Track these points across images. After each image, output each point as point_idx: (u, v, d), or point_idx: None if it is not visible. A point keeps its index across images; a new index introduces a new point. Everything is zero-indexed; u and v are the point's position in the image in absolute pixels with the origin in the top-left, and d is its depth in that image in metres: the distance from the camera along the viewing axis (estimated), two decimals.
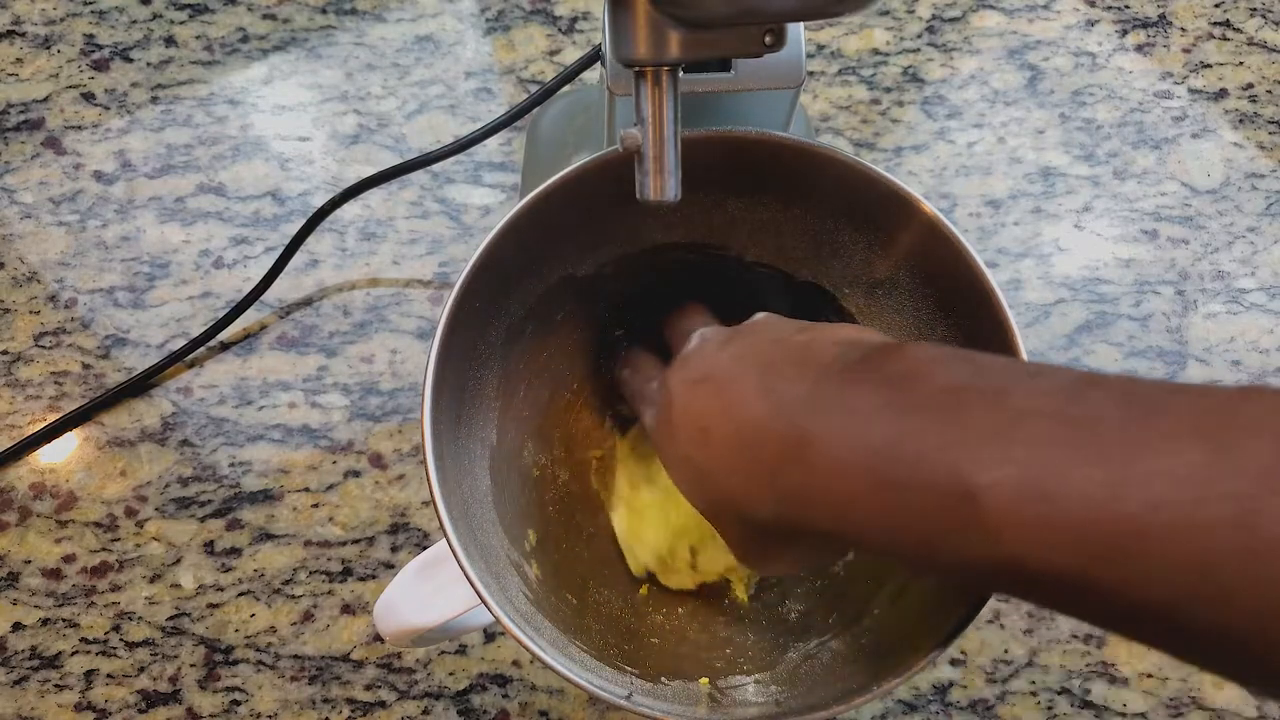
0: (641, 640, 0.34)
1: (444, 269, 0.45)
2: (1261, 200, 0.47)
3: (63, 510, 0.41)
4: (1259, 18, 0.51)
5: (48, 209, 0.45)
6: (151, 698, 0.39)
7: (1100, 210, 0.47)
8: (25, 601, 0.40)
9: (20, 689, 0.39)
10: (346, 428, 0.42)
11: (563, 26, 0.49)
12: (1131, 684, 0.40)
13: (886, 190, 0.31)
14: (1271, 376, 0.44)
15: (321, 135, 0.47)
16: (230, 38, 0.49)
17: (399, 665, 0.39)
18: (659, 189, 0.26)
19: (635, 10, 0.24)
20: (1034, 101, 0.49)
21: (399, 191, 0.46)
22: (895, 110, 0.48)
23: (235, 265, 0.45)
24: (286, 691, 0.39)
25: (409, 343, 0.44)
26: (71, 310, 0.44)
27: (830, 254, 0.34)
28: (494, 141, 0.47)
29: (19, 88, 0.48)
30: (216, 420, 0.42)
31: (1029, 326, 0.45)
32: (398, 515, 0.41)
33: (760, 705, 0.30)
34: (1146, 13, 0.51)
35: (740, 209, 0.34)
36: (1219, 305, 0.45)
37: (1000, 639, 0.40)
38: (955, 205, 0.47)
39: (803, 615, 0.34)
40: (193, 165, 0.46)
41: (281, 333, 0.44)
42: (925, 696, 0.39)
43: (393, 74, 0.48)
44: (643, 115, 0.25)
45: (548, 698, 0.39)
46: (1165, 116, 0.49)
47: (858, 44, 0.49)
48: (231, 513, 0.41)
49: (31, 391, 0.43)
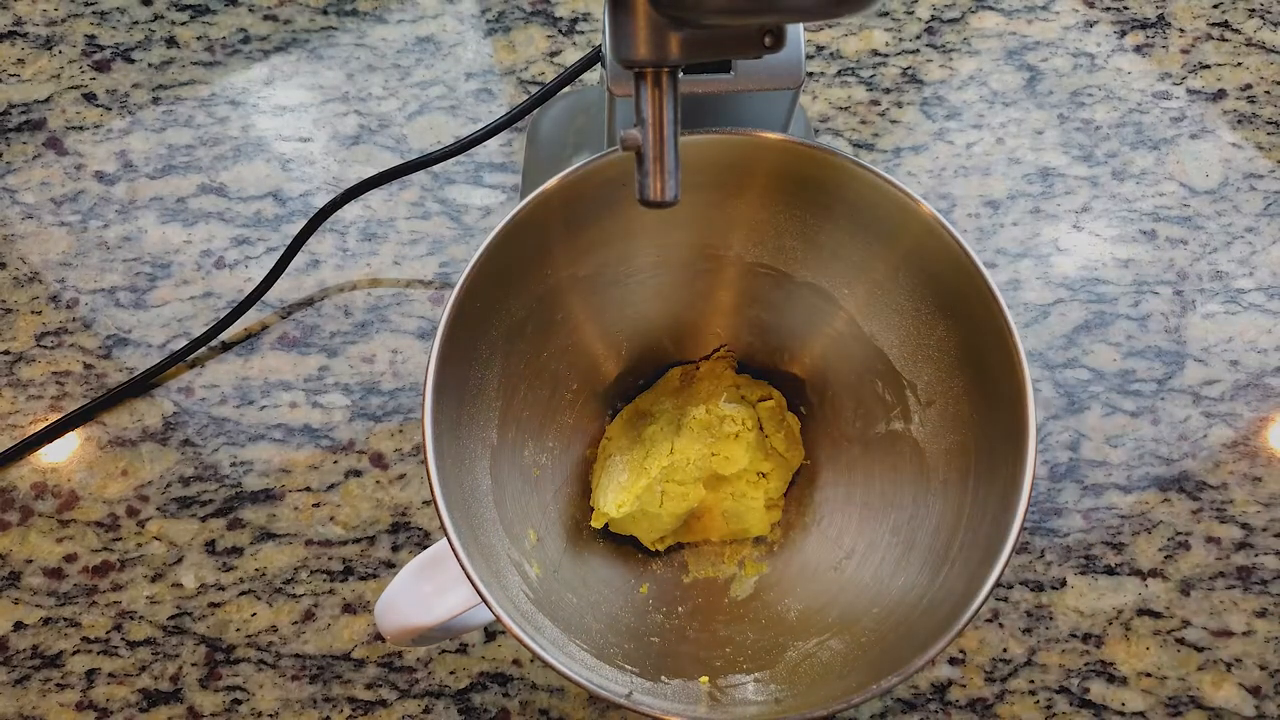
0: (641, 639, 0.34)
1: (445, 269, 0.45)
2: (1260, 200, 0.47)
3: (64, 510, 0.41)
4: (1258, 18, 0.51)
5: (49, 209, 0.46)
6: (153, 697, 0.39)
7: (1099, 210, 0.47)
8: (27, 601, 0.40)
9: (22, 688, 0.39)
10: (348, 427, 0.42)
11: (563, 28, 0.49)
12: (1130, 683, 0.40)
13: (886, 191, 0.31)
14: (1270, 377, 0.44)
15: (323, 136, 0.47)
16: (231, 38, 0.49)
17: (400, 664, 0.39)
18: (659, 190, 0.26)
19: (635, 11, 0.24)
20: (1033, 102, 0.49)
21: (400, 192, 0.46)
22: (894, 111, 0.48)
23: (237, 265, 0.45)
24: (287, 690, 0.39)
25: (410, 343, 0.44)
26: (73, 310, 0.44)
27: (830, 254, 0.34)
28: (494, 142, 0.47)
29: (20, 88, 0.48)
30: (218, 420, 0.42)
31: (1028, 326, 0.45)
32: (399, 515, 0.41)
33: (760, 704, 0.30)
34: (1145, 13, 0.51)
35: (740, 209, 0.34)
36: (1217, 305, 0.45)
37: (999, 638, 0.40)
38: (954, 206, 0.47)
39: (802, 614, 0.34)
40: (194, 166, 0.46)
41: (283, 333, 0.44)
42: (924, 695, 0.39)
43: (394, 75, 0.48)
44: (643, 116, 0.25)
45: (548, 696, 0.39)
46: (1164, 117, 0.49)
47: (857, 45, 0.49)
48: (233, 512, 0.41)
49: (33, 391, 0.43)
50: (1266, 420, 0.44)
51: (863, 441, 0.36)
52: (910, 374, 0.34)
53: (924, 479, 0.34)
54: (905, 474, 0.35)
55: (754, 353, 0.39)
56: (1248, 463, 0.43)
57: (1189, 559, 0.41)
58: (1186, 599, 0.41)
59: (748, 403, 0.38)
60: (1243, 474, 0.43)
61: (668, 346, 0.39)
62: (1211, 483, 0.43)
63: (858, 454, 0.37)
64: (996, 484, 0.30)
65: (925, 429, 0.34)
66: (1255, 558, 0.42)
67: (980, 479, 0.31)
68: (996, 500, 0.30)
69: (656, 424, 0.37)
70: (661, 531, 0.37)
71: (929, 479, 0.34)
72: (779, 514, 0.38)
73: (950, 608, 0.29)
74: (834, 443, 0.38)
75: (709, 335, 0.39)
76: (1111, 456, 0.43)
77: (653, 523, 0.36)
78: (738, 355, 0.39)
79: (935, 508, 0.33)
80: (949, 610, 0.29)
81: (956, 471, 0.33)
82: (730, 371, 0.39)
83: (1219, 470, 0.43)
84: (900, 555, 0.33)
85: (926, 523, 0.33)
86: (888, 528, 0.34)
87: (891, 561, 0.33)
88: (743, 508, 0.37)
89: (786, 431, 0.38)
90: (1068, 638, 0.40)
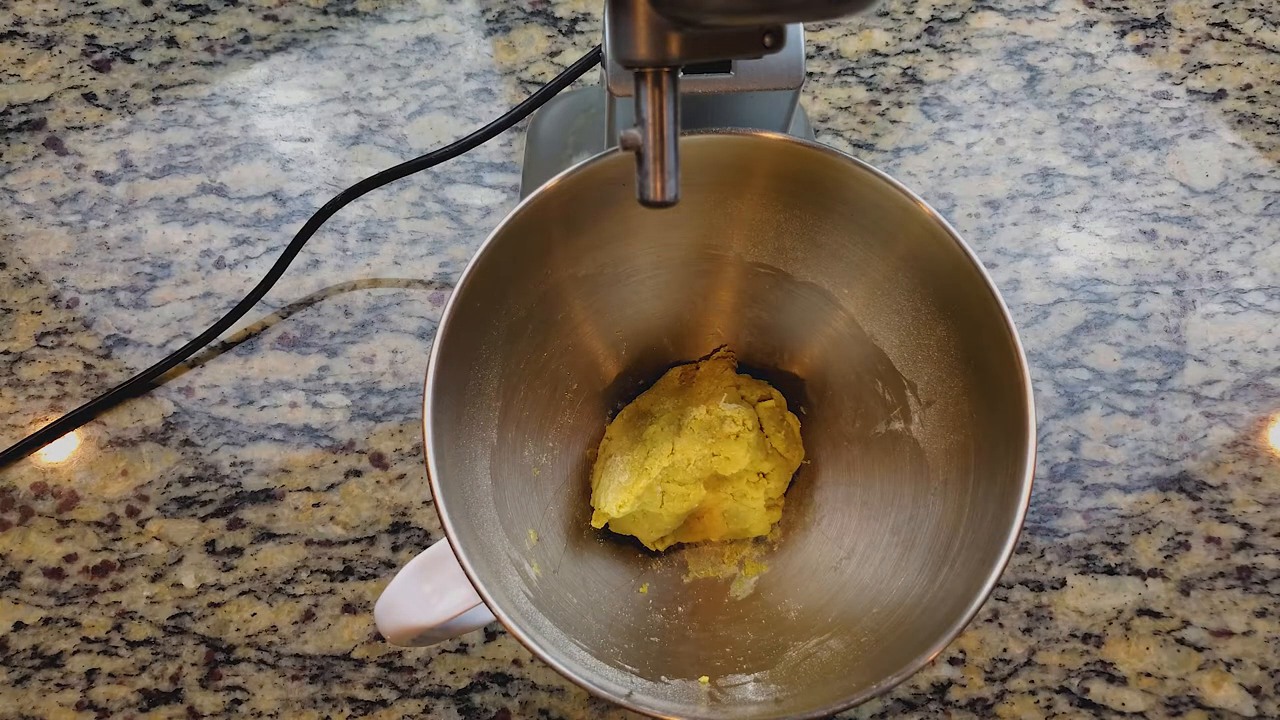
0: (641, 639, 0.34)
1: (445, 269, 0.45)
2: (1260, 200, 0.47)
3: (64, 510, 0.41)
4: (1257, 18, 0.51)
5: (49, 209, 0.46)
6: (153, 697, 0.39)
7: (1099, 210, 0.47)
8: (27, 601, 0.40)
9: (22, 688, 0.39)
10: (348, 427, 0.42)
11: (563, 28, 0.49)
12: (1130, 683, 0.40)
13: (886, 191, 0.31)
14: (1270, 377, 0.44)
15: (323, 136, 0.47)
16: (231, 39, 0.49)
17: (400, 664, 0.39)
18: (659, 190, 0.26)
19: (635, 11, 0.24)
20: (1033, 102, 0.49)
21: (400, 192, 0.46)
22: (894, 111, 0.48)
23: (237, 265, 0.45)
24: (287, 690, 0.39)
25: (410, 343, 0.44)
26: (73, 310, 0.44)
27: (830, 254, 0.34)
28: (495, 142, 0.47)
29: (20, 88, 0.48)
30: (218, 420, 0.42)
31: (1027, 326, 0.45)
32: (399, 514, 0.41)
33: (760, 704, 0.30)
34: (1145, 13, 0.51)
35: (740, 209, 0.34)
36: (1217, 305, 0.45)
37: (999, 638, 0.40)
38: (954, 206, 0.47)
39: (802, 614, 0.34)
40: (194, 166, 0.46)
41: (283, 333, 0.44)
42: (924, 695, 0.39)
43: (394, 75, 0.48)
44: (643, 116, 0.25)
45: (548, 696, 0.39)
46: (1164, 117, 0.49)
47: (857, 45, 0.49)
48: (233, 512, 0.41)
49: (33, 391, 0.43)
50: (1266, 420, 0.44)
51: (863, 441, 0.36)
52: (910, 374, 0.34)
53: (924, 479, 0.34)
54: (905, 474, 0.35)
55: (754, 353, 0.39)
56: (1248, 463, 0.43)
57: (1189, 559, 0.41)
58: (1186, 599, 0.41)
59: (748, 403, 0.38)
60: (1243, 474, 0.43)
61: (668, 346, 0.39)
62: (1211, 483, 0.43)
63: (858, 454, 0.37)
64: (996, 484, 0.30)
65: (925, 429, 0.34)
66: (1255, 558, 0.42)
67: (980, 479, 0.31)
68: (996, 500, 0.30)
69: (657, 424, 0.37)
70: (662, 531, 0.37)
71: (929, 479, 0.34)
72: (779, 514, 0.38)
73: (950, 608, 0.29)
74: (834, 443, 0.38)
75: (709, 335, 0.39)
76: (1111, 456, 0.43)
77: (653, 523, 0.36)
78: (738, 355, 0.39)
79: (935, 508, 0.33)
80: (949, 610, 0.29)
81: (956, 471, 0.33)
82: (730, 371, 0.39)
83: (1219, 470, 0.43)
84: (900, 555, 0.33)
85: (926, 523, 0.33)
86: (888, 528, 0.34)
87: (891, 561, 0.33)
88: (743, 508, 0.37)
89: (786, 431, 0.38)
90: (1068, 638, 0.40)
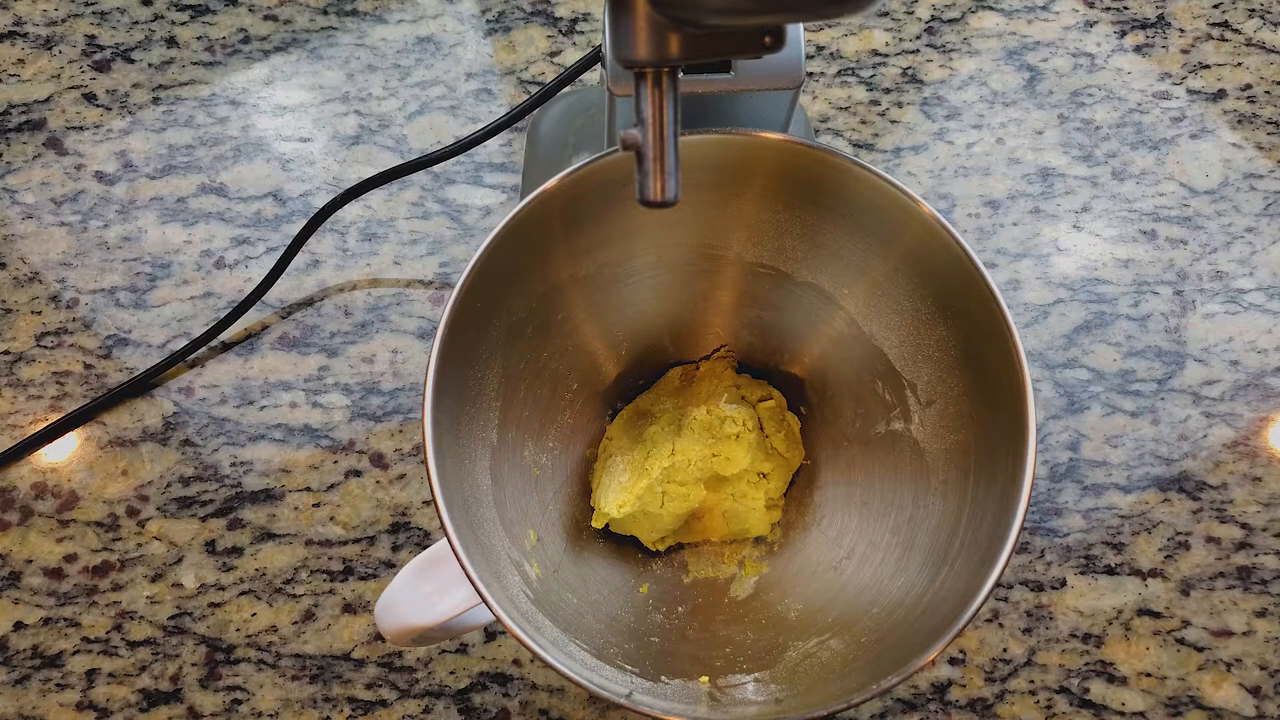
0: (641, 639, 0.34)
1: (445, 269, 0.45)
2: (1260, 200, 0.47)
3: (64, 510, 0.41)
4: (1257, 18, 0.51)
5: (49, 209, 0.46)
6: (153, 697, 0.39)
7: (1099, 211, 0.47)
8: (27, 601, 0.40)
9: (22, 688, 0.39)
10: (348, 427, 0.42)
11: (563, 28, 0.49)
12: (1130, 683, 0.40)
13: (886, 191, 0.31)
14: (1270, 377, 0.44)
15: (323, 136, 0.47)
16: (231, 39, 0.49)
17: (400, 664, 0.39)
18: (659, 190, 0.26)
19: (635, 11, 0.24)
20: (1033, 102, 0.49)
21: (400, 192, 0.46)
22: (894, 111, 0.48)
23: (237, 265, 0.45)
24: (288, 690, 0.39)
25: (410, 343, 0.44)
26: (73, 310, 0.44)
27: (830, 254, 0.34)
28: (495, 142, 0.47)
29: (20, 88, 0.48)
30: (218, 420, 0.42)
31: (1027, 327, 0.45)
32: (399, 515, 0.41)
33: (760, 704, 0.30)
34: (1145, 13, 0.51)
35: (740, 209, 0.34)
36: (1217, 305, 0.45)
37: (999, 638, 0.40)
38: (954, 206, 0.47)
39: (802, 614, 0.34)
40: (194, 166, 0.46)
41: (283, 333, 0.44)
42: (924, 695, 0.39)
43: (394, 75, 0.48)
44: (643, 116, 0.25)
45: (548, 696, 0.39)
46: (1164, 117, 0.49)
47: (857, 45, 0.49)
48: (233, 512, 0.41)
49: (33, 391, 0.43)
50: (1266, 420, 0.44)
51: (863, 441, 0.36)
52: (910, 374, 0.34)
53: (924, 479, 0.34)
54: (905, 474, 0.35)
55: (754, 353, 0.39)
56: (1248, 463, 0.43)
57: (1189, 559, 0.41)
58: (1186, 599, 0.41)
59: (748, 403, 0.38)
60: (1243, 474, 0.43)
61: (668, 346, 0.39)
62: (1211, 483, 0.43)
63: (858, 454, 0.37)
64: (996, 484, 0.30)
65: (925, 429, 0.34)
66: (1255, 558, 0.42)
67: (980, 479, 0.31)
68: (996, 500, 0.30)
69: (657, 424, 0.37)
70: (662, 532, 0.37)
71: (929, 479, 0.34)
72: (779, 514, 0.38)
73: (950, 608, 0.29)
74: (834, 443, 0.38)
75: (709, 335, 0.39)
76: (1111, 456, 0.43)
77: (653, 523, 0.36)
78: (738, 355, 0.39)
79: (935, 508, 0.33)
80: (949, 610, 0.29)
81: (956, 471, 0.33)
82: (730, 371, 0.39)
83: (1219, 470, 0.43)
84: (900, 555, 0.33)
85: (926, 523, 0.33)
86: (888, 528, 0.34)
87: (891, 561, 0.33)
88: (743, 508, 0.37)
89: (786, 431, 0.38)
90: (1068, 638, 0.40)
